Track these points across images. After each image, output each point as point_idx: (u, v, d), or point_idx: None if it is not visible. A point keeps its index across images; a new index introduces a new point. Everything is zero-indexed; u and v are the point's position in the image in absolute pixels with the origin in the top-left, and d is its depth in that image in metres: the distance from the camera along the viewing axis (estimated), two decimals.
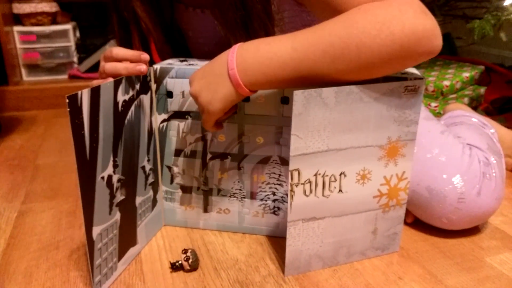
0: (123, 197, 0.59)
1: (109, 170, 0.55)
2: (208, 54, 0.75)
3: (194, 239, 0.69)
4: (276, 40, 0.52)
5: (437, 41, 0.49)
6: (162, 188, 0.70)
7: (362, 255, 0.63)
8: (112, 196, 0.57)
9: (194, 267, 0.61)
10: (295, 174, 0.54)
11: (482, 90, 1.34)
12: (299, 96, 0.50)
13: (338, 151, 0.55)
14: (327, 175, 0.56)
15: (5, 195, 0.86)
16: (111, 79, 0.56)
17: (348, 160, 0.56)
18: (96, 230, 0.54)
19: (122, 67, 0.58)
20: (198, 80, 0.55)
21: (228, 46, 0.66)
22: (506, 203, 0.83)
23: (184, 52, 0.81)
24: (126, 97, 0.58)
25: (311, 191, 0.56)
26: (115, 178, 0.57)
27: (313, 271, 0.61)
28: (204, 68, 0.56)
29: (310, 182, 0.55)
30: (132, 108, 0.59)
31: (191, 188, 0.69)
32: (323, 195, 0.56)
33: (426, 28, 0.48)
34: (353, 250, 0.62)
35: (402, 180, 0.61)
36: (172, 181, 0.70)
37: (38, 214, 0.78)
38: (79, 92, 0.48)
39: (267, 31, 0.64)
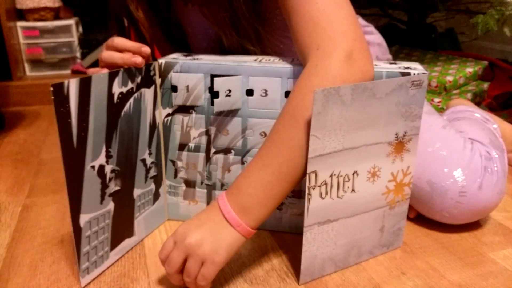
0: (118, 188, 0.60)
1: (101, 160, 0.56)
2: (208, 49, 0.75)
3: None
4: (250, 175, 0.54)
5: (368, 77, 0.54)
6: (166, 182, 0.71)
7: (370, 254, 0.63)
8: (105, 186, 0.58)
9: None
10: (313, 176, 0.53)
11: (485, 85, 1.34)
12: (319, 94, 0.48)
13: (352, 149, 0.54)
14: (341, 175, 0.55)
15: (10, 189, 0.87)
16: (106, 69, 0.56)
17: (360, 159, 0.56)
18: (84, 218, 0.55)
19: (118, 57, 0.58)
20: (198, 229, 0.52)
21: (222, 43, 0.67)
22: (510, 199, 0.83)
23: (183, 48, 0.81)
24: (124, 89, 0.58)
25: (326, 193, 0.55)
26: (108, 168, 0.57)
27: None
28: (200, 216, 0.55)
29: (326, 184, 0.54)
30: (131, 100, 0.60)
31: (194, 183, 0.70)
32: (337, 196, 0.56)
33: (352, 74, 0.52)
34: (363, 250, 0.62)
35: (407, 175, 0.61)
36: (176, 176, 0.70)
37: (42, 208, 0.78)
38: (66, 81, 0.49)
39: (256, 30, 0.65)
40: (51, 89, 0.47)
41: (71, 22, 1.60)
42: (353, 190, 0.57)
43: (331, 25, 0.54)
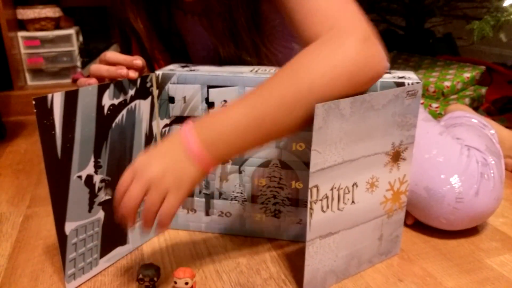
0: (108, 197, 0.61)
1: (89, 170, 0.57)
2: (207, 58, 0.77)
3: (196, 242, 0.70)
4: (231, 111, 0.50)
5: (380, 66, 0.51)
6: None
7: (369, 263, 0.63)
8: (93, 195, 0.59)
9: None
10: (314, 191, 0.53)
11: (483, 90, 1.34)
12: (320, 109, 0.48)
13: (351, 162, 0.55)
14: (341, 188, 0.55)
15: (11, 199, 0.88)
16: (94, 80, 0.58)
17: (359, 170, 0.56)
18: (70, 226, 0.56)
19: (104, 69, 0.59)
20: (159, 160, 0.49)
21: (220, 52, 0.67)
22: (508, 204, 0.83)
23: (183, 57, 0.82)
24: (115, 101, 0.59)
25: (327, 207, 0.55)
26: (97, 178, 0.59)
27: None
28: (159, 149, 0.50)
29: (327, 197, 0.54)
30: (124, 112, 0.61)
31: (193, 192, 0.70)
32: (338, 209, 0.56)
33: (367, 56, 0.50)
34: (363, 259, 0.62)
35: (403, 183, 0.62)
36: None
37: (43, 218, 0.79)
38: (49, 95, 0.51)
39: (255, 42, 0.66)
40: (33, 102, 0.49)
41: (71, 31, 1.62)
42: (353, 202, 0.57)
43: (342, 14, 0.53)
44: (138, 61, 0.61)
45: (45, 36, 1.58)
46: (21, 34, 1.56)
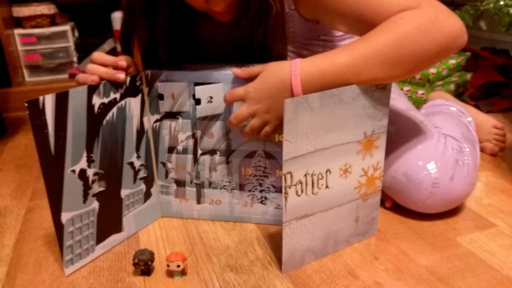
0: (102, 189, 0.66)
1: (82, 164, 0.62)
2: (216, 51, 0.78)
3: (189, 228, 0.75)
4: (335, 59, 0.58)
5: (466, 36, 0.59)
6: (158, 182, 0.76)
7: (347, 243, 0.68)
8: (87, 187, 0.64)
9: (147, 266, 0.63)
10: (288, 177, 0.57)
11: (468, 76, 1.38)
12: (289, 104, 0.53)
13: (323, 150, 0.59)
14: (315, 174, 0.60)
15: (13, 193, 0.92)
16: (96, 77, 0.61)
17: (332, 158, 0.61)
18: (66, 216, 0.62)
19: (103, 71, 0.63)
20: (267, 99, 0.61)
21: (237, 55, 0.70)
22: (483, 187, 0.87)
23: (185, 57, 0.82)
24: (106, 100, 0.64)
25: (302, 191, 0.59)
26: (90, 171, 0.64)
27: None
28: (270, 85, 0.60)
29: (301, 182, 0.59)
30: (114, 109, 0.65)
31: (184, 182, 0.75)
32: (312, 193, 0.61)
33: (457, 27, 0.57)
34: (340, 240, 0.67)
35: (377, 169, 0.66)
36: (167, 176, 0.75)
37: (44, 210, 0.84)
38: (41, 97, 0.55)
39: (283, 53, 0.69)
40: (26, 105, 0.53)
41: (66, 27, 1.65)
42: (327, 187, 0.62)
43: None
44: (123, 62, 0.65)
45: (41, 33, 1.61)
46: (17, 31, 1.59)
